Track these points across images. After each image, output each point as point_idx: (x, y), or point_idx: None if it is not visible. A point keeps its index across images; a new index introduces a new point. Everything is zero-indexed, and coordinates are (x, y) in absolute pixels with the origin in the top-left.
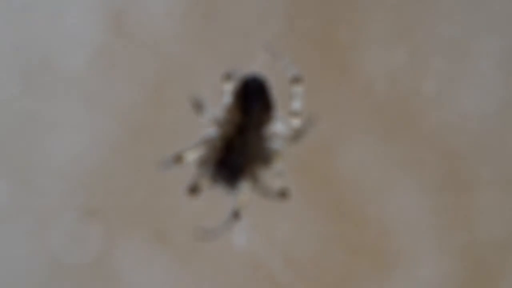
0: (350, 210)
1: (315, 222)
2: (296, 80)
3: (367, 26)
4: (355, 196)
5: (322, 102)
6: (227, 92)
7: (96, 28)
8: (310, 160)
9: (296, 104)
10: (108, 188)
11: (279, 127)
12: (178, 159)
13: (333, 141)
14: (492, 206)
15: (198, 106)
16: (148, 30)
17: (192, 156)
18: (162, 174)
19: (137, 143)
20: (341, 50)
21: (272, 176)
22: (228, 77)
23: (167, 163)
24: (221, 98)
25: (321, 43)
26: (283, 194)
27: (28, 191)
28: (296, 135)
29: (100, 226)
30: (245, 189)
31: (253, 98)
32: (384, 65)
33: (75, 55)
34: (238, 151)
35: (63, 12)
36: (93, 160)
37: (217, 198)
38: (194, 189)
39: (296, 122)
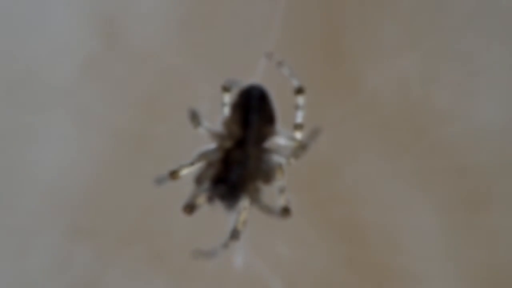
0: (358, 229)
1: (321, 242)
2: (299, 91)
3: (374, 37)
4: (362, 215)
5: (328, 116)
6: (225, 104)
7: (85, 37)
8: (315, 178)
9: (299, 116)
10: (97, 206)
11: (280, 141)
12: (173, 175)
13: (339, 158)
14: (509, 225)
15: (194, 119)
16: (141, 40)
17: (188, 171)
18: (155, 191)
19: (128, 158)
20: (348, 61)
21: (274, 192)
22: (226, 88)
23: (162, 179)
24: (219, 111)
25: (326, 55)
26: (285, 211)
27: (10, 209)
28: (299, 149)
29: (89, 246)
30: (244, 207)
31: (253, 111)
32: (392, 77)
33: (63, 66)
34: (237, 167)
35: (51, 22)
36: (82, 177)
37: (215, 216)
38: (190, 207)
39: (299, 135)
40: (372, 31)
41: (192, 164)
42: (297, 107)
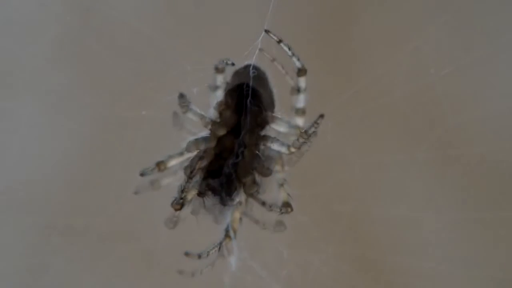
0: (366, 227)
1: (325, 241)
2: (300, 72)
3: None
4: (371, 211)
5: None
6: (218, 87)
7: (59, 12)
8: (318, 171)
9: (301, 100)
10: (75, 201)
11: (280, 128)
12: (160, 166)
13: (345, 148)
14: None
15: (183, 103)
16: (122, 15)
17: (177, 162)
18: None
19: (109, 148)
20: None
21: (273, 186)
22: (219, 69)
23: (149, 171)
24: (211, 95)
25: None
26: (286, 206)
27: None
28: (301, 137)
29: (67, 246)
30: (240, 202)
31: (248, 94)
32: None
33: (34, 45)
34: (231, 157)
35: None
36: (58, 169)
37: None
38: (179, 203)
39: (300, 121)
40: (382, 15)
41: (181, 154)
42: (298, 90)
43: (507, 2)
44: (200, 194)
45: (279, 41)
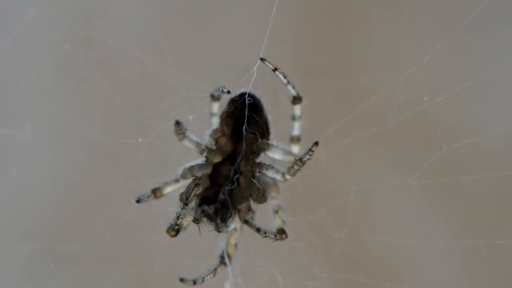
0: (360, 254)
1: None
2: (296, 100)
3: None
4: (365, 238)
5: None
6: (214, 114)
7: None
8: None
9: (296, 128)
10: (71, 226)
11: (275, 155)
12: (156, 193)
13: (340, 175)
14: None
15: (179, 131)
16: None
17: (173, 189)
18: (136, 210)
19: (105, 173)
20: (350, 71)
21: (268, 213)
22: (215, 97)
23: (144, 197)
24: (207, 123)
25: (329, 63)
26: (281, 233)
27: None
28: (296, 165)
29: (63, 271)
30: (235, 228)
31: (244, 121)
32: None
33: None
34: (226, 184)
35: (19, 21)
36: (53, 194)
37: (203, 238)
38: (175, 229)
39: (296, 148)
40: (376, 42)
41: (177, 181)
42: (293, 117)
43: (500, 31)
44: (196, 220)
45: (275, 69)
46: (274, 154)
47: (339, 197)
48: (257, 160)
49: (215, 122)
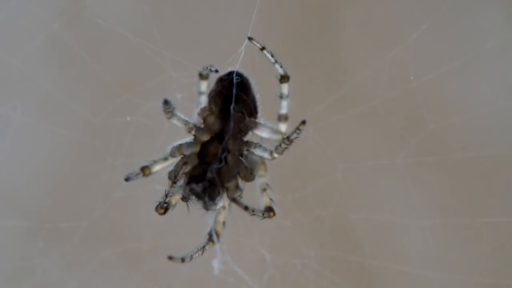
0: (348, 232)
1: (307, 245)
2: (283, 78)
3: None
4: (353, 216)
5: (316, 107)
6: (202, 93)
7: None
8: (301, 176)
9: (284, 106)
10: (62, 204)
11: (263, 133)
12: (145, 171)
13: (328, 153)
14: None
15: (167, 109)
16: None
17: (161, 167)
18: (126, 188)
19: (95, 152)
20: (338, 50)
21: (256, 191)
22: (203, 75)
23: (133, 175)
24: (196, 101)
25: (317, 42)
26: (268, 211)
27: None
28: (284, 143)
29: (53, 248)
30: (223, 206)
31: (232, 100)
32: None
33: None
34: (214, 162)
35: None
36: (44, 173)
37: (192, 216)
38: (163, 207)
39: (283, 127)
40: (363, 22)
41: (165, 159)
42: (281, 96)
43: (487, 11)
44: (184, 198)
45: (262, 48)
46: (262, 133)
47: (327, 175)
48: (245, 139)
49: (203, 100)
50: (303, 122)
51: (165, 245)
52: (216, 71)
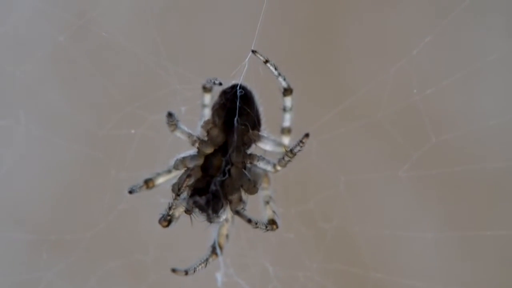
0: (351, 245)
1: (310, 259)
2: (286, 91)
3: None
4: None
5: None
6: (206, 105)
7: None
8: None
9: (287, 119)
10: (66, 216)
11: (266, 146)
12: (149, 183)
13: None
14: None
15: (171, 122)
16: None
17: (165, 180)
18: (129, 200)
19: (99, 164)
20: (341, 63)
21: (259, 203)
22: (207, 88)
23: (137, 188)
24: (199, 114)
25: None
26: (271, 224)
27: None
28: (287, 156)
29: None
30: (226, 219)
31: (235, 113)
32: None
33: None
34: (218, 175)
35: (14, 12)
36: (49, 184)
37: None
38: (167, 220)
39: (286, 139)
40: (367, 36)
41: (169, 171)
42: (284, 109)
43: (489, 24)
44: (187, 211)
45: (266, 61)
46: (265, 145)
47: (329, 188)
48: (248, 151)
49: (207, 113)
50: (306, 135)
51: (169, 257)
52: (220, 84)
